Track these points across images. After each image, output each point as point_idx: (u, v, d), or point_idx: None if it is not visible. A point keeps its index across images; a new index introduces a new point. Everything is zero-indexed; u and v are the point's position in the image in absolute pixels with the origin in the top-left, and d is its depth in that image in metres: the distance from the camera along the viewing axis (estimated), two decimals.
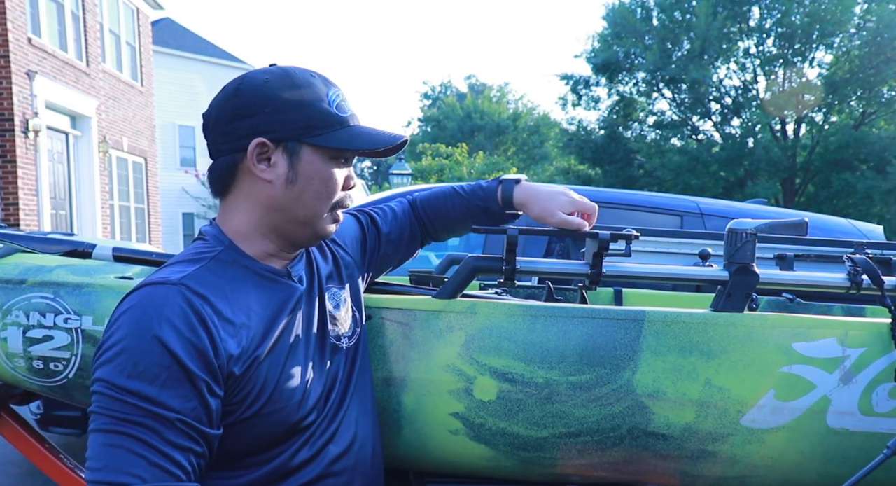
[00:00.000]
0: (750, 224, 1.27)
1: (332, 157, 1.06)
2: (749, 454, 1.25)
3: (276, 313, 1.05)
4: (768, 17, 19.46)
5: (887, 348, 1.24)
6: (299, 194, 1.05)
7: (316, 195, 1.06)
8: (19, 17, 9.30)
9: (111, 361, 0.91)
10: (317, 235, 1.10)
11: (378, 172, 45.01)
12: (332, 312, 1.16)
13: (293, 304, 1.08)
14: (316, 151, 1.04)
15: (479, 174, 22.44)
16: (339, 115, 1.05)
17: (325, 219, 1.09)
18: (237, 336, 0.98)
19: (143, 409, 0.89)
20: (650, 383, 1.24)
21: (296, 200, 1.05)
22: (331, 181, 1.06)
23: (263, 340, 1.01)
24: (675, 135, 22.03)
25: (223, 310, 0.98)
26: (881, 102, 18.98)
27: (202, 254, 1.04)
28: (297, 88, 1.03)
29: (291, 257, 1.13)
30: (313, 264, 1.19)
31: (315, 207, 1.07)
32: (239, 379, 0.98)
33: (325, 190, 1.06)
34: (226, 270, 1.03)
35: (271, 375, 1.02)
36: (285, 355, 1.04)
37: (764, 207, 3.79)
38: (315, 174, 1.05)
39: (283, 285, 1.08)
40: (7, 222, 8.92)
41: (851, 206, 18.26)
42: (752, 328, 1.25)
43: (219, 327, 0.96)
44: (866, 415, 1.24)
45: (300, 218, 1.07)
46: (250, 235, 1.07)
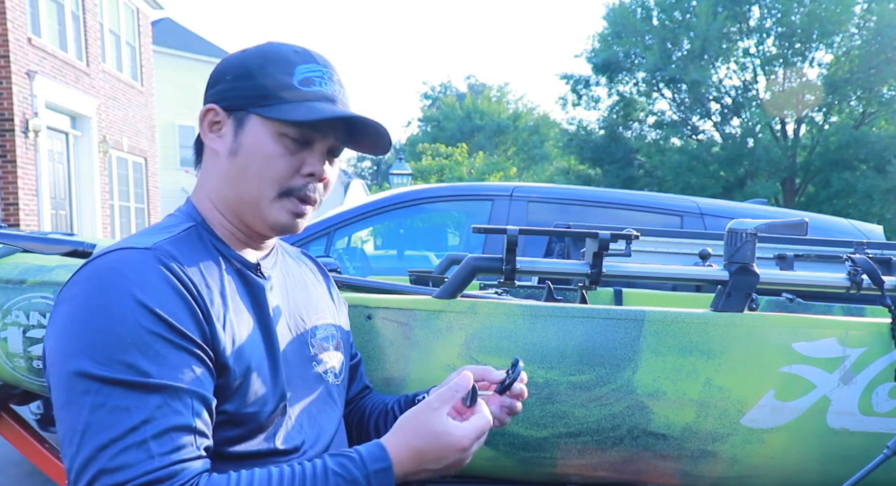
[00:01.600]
0: (750, 224, 1.27)
1: (281, 132, 0.93)
2: (749, 454, 1.25)
3: (244, 305, 0.96)
4: (768, 16, 19.45)
5: (887, 348, 1.24)
6: (242, 169, 0.95)
7: (258, 173, 0.94)
8: (19, 17, 9.30)
9: (81, 339, 0.81)
10: (267, 223, 0.97)
11: (378, 172, 45.02)
12: (321, 341, 1.08)
13: (261, 300, 0.99)
14: (264, 124, 0.94)
15: (479, 174, 22.45)
16: (298, 88, 0.94)
17: (272, 205, 0.96)
18: (217, 313, 0.90)
19: (145, 385, 0.79)
20: (650, 383, 1.24)
21: (238, 176, 0.96)
22: (275, 160, 0.94)
23: (235, 328, 0.92)
24: (675, 135, 22.03)
25: (201, 282, 0.90)
26: (881, 101, 18.97)
27: (172, 226, 0.97)
28: (265, 58, 0.96)
29: (260, 247, 1.04)
30: (295, 275, 1.11)
31: (258, 187, 0.95)
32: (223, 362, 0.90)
33: (267, 169, 0.94)
34: (197, 247, 0.95)
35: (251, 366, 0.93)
36: (248, 352, 0.93)
37: (764, 207, 3.79)
38: (258, 149, 0.94)
39: (248, 277, 0.99)
40: (7, 222, 8.92)
41: (851, 206, 18.26)
42: (752, 328, 1.25)
43: (203, 295, 0.88)
44: (866, 415, 1.24)
45: (245, 198, 0.96)
46: (212, 212, 1.00)
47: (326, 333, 1.10)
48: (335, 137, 0.98)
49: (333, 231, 3.47)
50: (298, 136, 0.94)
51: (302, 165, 0.96)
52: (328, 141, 0.97)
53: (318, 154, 0.97)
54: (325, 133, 0.96)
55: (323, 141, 0.97)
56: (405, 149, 26.83)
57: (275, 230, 0.99)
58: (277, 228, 0.98)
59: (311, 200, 0.98)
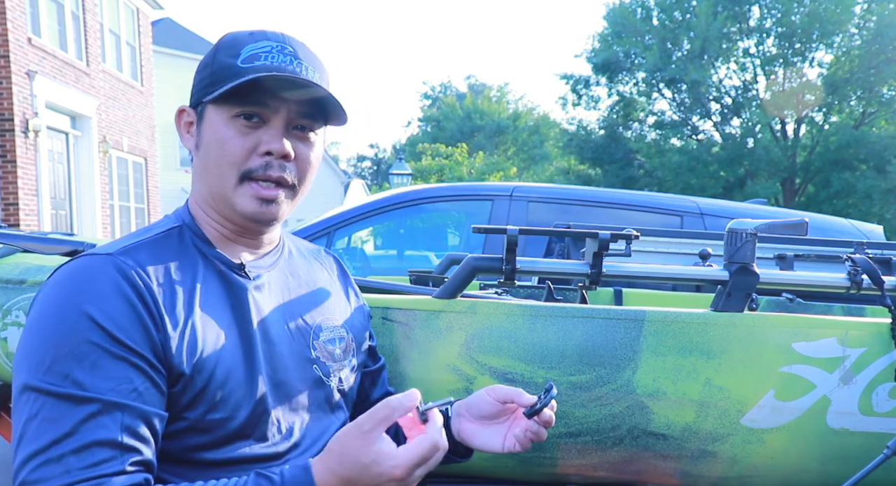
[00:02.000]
0: (750, 224, 1.27)
1: (232, 115, 0.92)
2: (749, 454, 1.25)
3: (220, 308, 0.93)
4: (768, 16, 19.45)
5: (887, 348, 1.24)
6: (205, 161, 0.95)
7: (216, 161, 0.93)
8: (19, 17, 9.30)
9: (33, 349, 0.82)
10: (237, 212, 0.95)
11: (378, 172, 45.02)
12: (325, 344, 1.04)
13: (243, 301, 0.95)
14: (216, 111, 0.93)
15: (479, 174, 22.45)
16: (240, 66, 0.91)
17: (236, 193, 0.94)
18: (176, 319, 0.87)
19: (75, 397, 0.79)
20: (650, 383, 1.24)
21: (205, 169, 0.95)
22: (228, 142, 0.92)
23: (200, 334, 0.89)
24: (675, 135, 22.03)
25: (164, 287, 0.88)
26: (881, 101, 18.98)
27: (153, 229, 0.97)
28: (217, 47, 0.95)
29: (256, 245, 1.02)
30: (302, 274, 1.08)
31: (219, 175, 0.94)
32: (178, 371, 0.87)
33: (223, 153, 0.92)
34: (177, 248, 0.94)
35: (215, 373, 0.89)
36: (216, 358, 0.90)
37: (764, 207, 3.80)
38: (213, 136, 0.93)
39: (229, 278, 0.96)
40: (7, 222, 8.92)
41: (851, 206, 18.26)
42: (752, 328, 1.25)
43: (159, 302, 0.86)
44: (866, 415, 1.24)
45: (214, 190, 0.95)
46: (199, 212, 0.99)
47: (333, 334, 1.06)
48: (291, 111, 0.94)
49: (333, 231, 3.47)
50: (245, 113, 0.92)
51: (258, 144, 0.93)
52: (282, 115, 0.93)
53: (274, 131, 0.93)
54: (275, 108, 0.93)
55: (277, 116, 0.93)
56: (405, 149, 26.84)
57: (247, 219, 0.95)
58: (248, 215, 0.95)
59: (276, 181, 0.94)
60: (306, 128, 0.97)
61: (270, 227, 1.00)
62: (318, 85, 0.92)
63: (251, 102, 0.92)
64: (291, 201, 0.98)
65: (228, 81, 0.90)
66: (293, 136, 0.95)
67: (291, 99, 0.93)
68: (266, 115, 0.93)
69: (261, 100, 0.92)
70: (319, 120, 0.98)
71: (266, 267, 1.02)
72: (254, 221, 0.96)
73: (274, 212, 0.96)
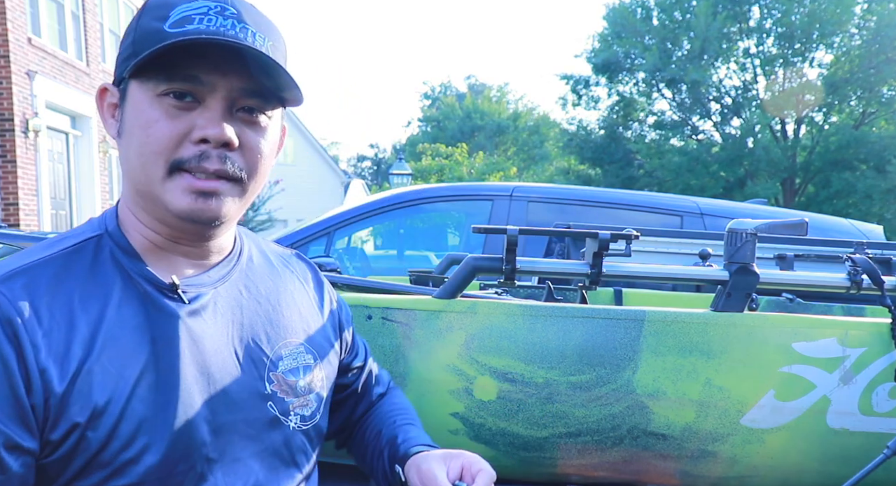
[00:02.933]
0: (750, 224, 1.28)
1: (159, 92, 0.74)
2: (749, 454, 1.25)
3: (137, 339, 0.75)
4: (768, 17, 19.46)
5: (887, 348, 1.24)
6: (128, 150, 0.77)
7: (139, 149, 0.75)
8: (19, 17, 9.30)
9: None
10: (170, 211, 0.76)
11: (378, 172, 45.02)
12: (285, 375, 0.86)
13: (168, 331, 0.76)
14: (140, 87, 0.75)
15: (479, 174, 22.45)
16: (166, 30, 0.72)
17: (165, 187, 0.75)
18: (66, 368, 0.70)
19: None
20: (650, 383, 1.24)
21: (128, 161, 0.77)
22: (153, 126, 0.73)
23: (97, 375, 0.72)
24: (674, 135, 22.03)
25: (53, 325, 0.71)
26: (881, 101, 18.97)
27: (66, 239, 0.79)
28: (143, 9, 0.77)
29: (200, 255, 0.83)
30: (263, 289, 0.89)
31: (143, 166, 0.75)
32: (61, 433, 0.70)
33: (146, 140, 0.74)
34: (88, 267, 0.77)
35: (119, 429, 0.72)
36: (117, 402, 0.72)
37: (764, 207, 3.79)
38: (135, 118, 0.75)
39: (156, 302, 0.77)
40: (7, 222, 8.92)
41: (851, 206, 18.26)
42: (752, 328, 1.25)
43: (39, 348, 0.69)
44: (866, 415, 1.24)
45: (139, 186, 0.77)
46: (127, 216, 0.81)
47: (296, 363, 0.87)
48: (233, 88, 0.75)
49: (333, 231, 3.47)
50: (174, 90, 0.73)
51: (191, 129, 0.74)
52: (222, 94, 0.75)
53: (211, 113, 0.74)
54: (212, 84, 0.74)
55: (215, 94, 0.74)
56: (405, 149, 26.85)
57: (183, 218, 0.77)
58: (182, 213, 0.76)
59: (214, 173, 0.75)
60: (255, 110, 0.77)
61: (214, 229, 0.80)
62: (265, 54, 0.73)
63: (181, 76, 0.73)
64: (239, 199, 0.79)
65: (154, 46, 0.71)
66: (238, 119, 0.77)
67: (232, 73, 0.74)
68: (201, 93, 0.74)
69: (193, 74, 0.73)
70: (273, 99, 0.78)
71: (211, 283, 0.83)
72: (191, 221, 0.77)
73: (215, 209, 0.76)
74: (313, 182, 23.24)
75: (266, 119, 0.79)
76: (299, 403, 0.86)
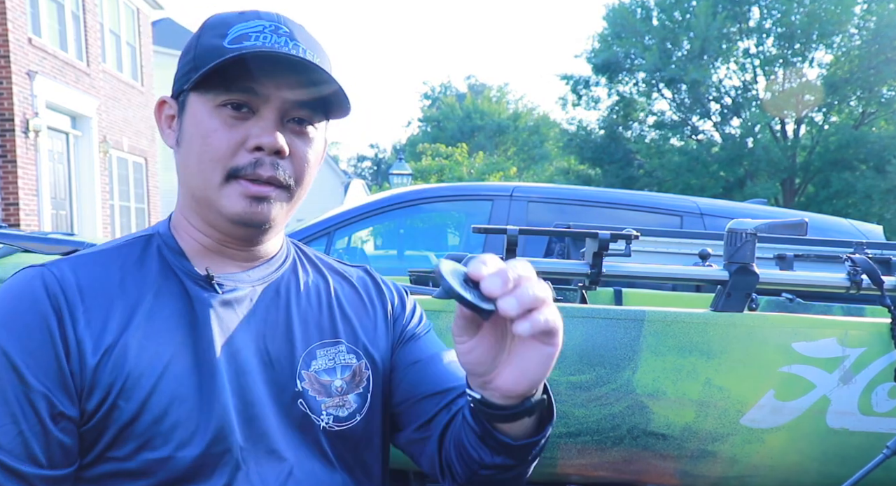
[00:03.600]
0: (749, 224, 1.28)
1: (218, 104, 0.79)
2: (749, 454, 1.25)
3: (174, 326, 0.79)
4: (768, 17, 19.47)
5: (887, 348, 1.24)
6: (186, 158, 0.82)
7: (198, 158, 0.80)
8: (20, 18, 9.30)
9: None
10: (224, 216, 0.81)
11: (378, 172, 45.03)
12: (318, 374, 0.85)
13: (201, 316, 0.80)
14: (199, 99, 0.80)
15: (479, 174, 22.46)
16: (226, 47, 0.77)
17: (221, 193, 0.80)
18: (102, 340, 0.76)
19: None
20: (650, 383, 1.24)
21: (185, 168, 0.82)
22: (212, 135, 0.79)
23: (135, 357, 0.76)
24: (674, 135, 22.05)
25: (94, 303, 0.77)
26: (881, 101, 18.99)
27: (121, 239, 0.87)
28: (203, 28, 0.83)
29: (244, 258, 0.87)
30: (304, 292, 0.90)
31: (201, 173, 0.80)
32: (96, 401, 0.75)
33: (206, 150, 0.79)
34: (136, 259, 0.83)
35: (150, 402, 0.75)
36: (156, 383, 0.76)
37: (763, 207, 3.79)
38: (195, 129, 0.80)
39: (190, 291, 0.82)
40: (7, 222, 8.92)
41: (851, 206, 18.27)
42: (751, 328, 1.25)
43: (79, 321, 0.75)
44: (866, 415, 1.24)
45: (196, 192, 0.82)
46: (180, 221, 0.87)
47: (333, 362, 0.87)
48: (285, 100, 0.80)
49: (333, 231, 3.47)
50: (232, 101, 0.78)
51: (246, 138, 0.79)
52: (275, 105, 0.79)
53: (266, 122, 0.79)
54: (266, 95, 0.79)
55: (269, 105, 0.79)
56: (405, 149, 26.85)
57: (235, 222, 0.81)
58: (236, 217, 0.80)
59: (267, 180, 0.80)
60: (304, 121, 0.82)
61: (263, 232, 0.84)
62: (318, 67, 0.78)
63: (239, 88, 0.78)
64: (287, 204, 0.83)
65: (213, 62, 0.76)
66: (288, 129, 0.81)
67: (286, 85, 0.79)
68: (256, 104, 0.79)
69: (250, 86, 0.78)
70: (319, 112, 0.83)
71: (250, 281, 0.86)
72: (243, 224, 0.81)
73: (265, 212, 0.81)
74: (313, 182, 23.21)
75: (314, 130, 0.84)
76: (333, 403, 0.86)
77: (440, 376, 0.91)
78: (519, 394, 0.69)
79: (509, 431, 0.74)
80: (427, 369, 0.92)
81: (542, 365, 0.66)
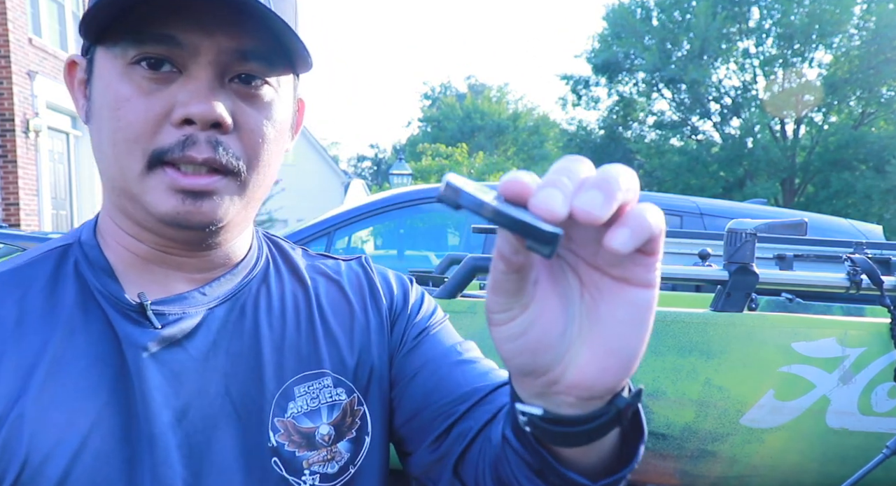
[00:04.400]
0: (749, 224, 1.28)
1: (131, 59, 0.56)
2: (749, 454, 1.26)
3: (92, 378, 0.57)
4: (768, 17, 19.48)
5: (886, 348, 1.24)
6: (99, 139, 0.59)
7: (111, 137, 0.57)
8: (20, 18, 9.30)
9: None
10: (153, 215, 0.58)
11: (378, 172, 45.04)
12: (296, 421, 0.63)
13: (131, 362, 0.58)
14: (106, 55, 0.58)
15: (479, 174, 22.48)
16: None
17: (144, 185, 0.57)
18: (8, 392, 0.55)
19: None
20: (650, 383, 1.24)
21: (100, 151, 0.60)
22: (123, 106, 0.56)
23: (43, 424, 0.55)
24: (674, 135, 22.07)
25: None
26: (880, 102, 19.00)
27: (32, 252, 0.64)
28: None
29: (201, 267, 0.64)
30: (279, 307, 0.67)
31: (117, 159, 0.57)
32: None
33: (117, 124, 0.56)
34: (44, 283, 0.61)
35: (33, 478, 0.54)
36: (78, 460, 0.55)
37: (763, 207, 3.80)
38: (104, 96, 0.58)
39: (116, 327, 0.59)
40: (8, 223, 8.93)
41: (851, 206, 18.28)
42: (751, 328, 1.25)
43: None
44: (865, 415, 1.24)
45: (116, 184, 0.60)
46: (106, 223, 0.64)
47: (316, 402, 0.64)
48: (222, 51, 0.56)
49: (333, 231, 3.47)
50: (147, 55, 0.56)
51: (171, 107, 0.56)
52: (209, 56, 0.56)
53: (196, 84, 0.56)
54: (195, 46, 0.56)
55: (197, 59, 0.56)
56: (405, 149, 26.86)
57: (167, 224, 0.59)
58: (167, 219, 0.58)
59: (202, 164, 0.57)
60: (254, 78, 0.59)
61: (211, 235, 0.62)
62: (264, 5, 0.54)
63: (153, 37, 0.55)
64: (239, 197, 0.60)
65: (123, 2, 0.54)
66: (233, 91, 0.58)
67: (221, 31, 0.56)
68: (181, 59, 0.56)
69: (168, 33, 0.55)
70: (279, 63, 0.59)
71: (205, 301, 0.63)
72: (179, 227, 0.59)
73: (207, 212, 0.58)
74: (313, 182, 23.23)
75: (270, 91, 0.60)
76: (319, 457, 0.63)
77: (456, 376, 0.68)
78: (606, 387, 0.41)
79: (581, 459, 0.47)
80: (438, 371, 0.68)
81: (640, 326, 0.41)
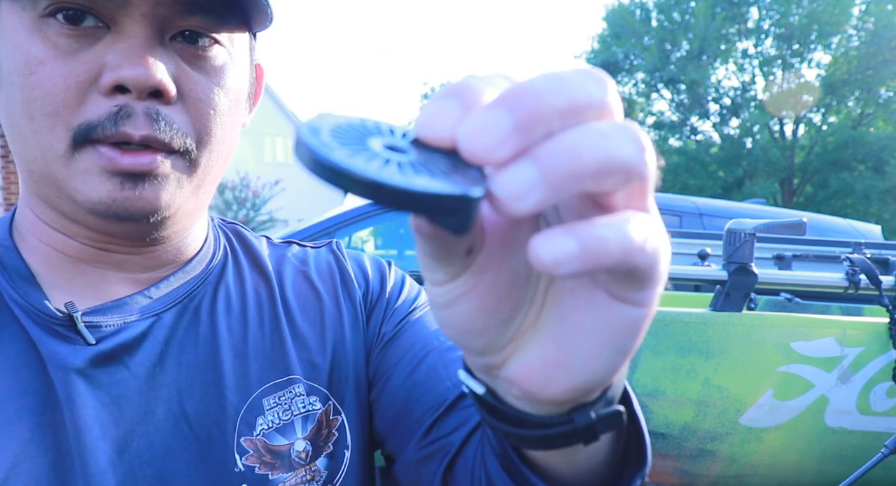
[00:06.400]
0: (748, 224, 1.28)
1: (41, 12, 0.45)
2: (748, 453, 1.26)
3: (16, 409, 0.47)
4: (767, 17, 19.52)
5: (885, 348, 1.24)
6: (9, 109, 0.48)
7: (25, 110, 0.46)
8: None
9: None
10: (80, 204, 0.47)
11: None
12: (267, 438, 0.53)
13: (58, 392, 0.47)
14: (11, 8, 0.46)
15: None
16: None
17: (70, 167, 0.46)
18: None
19: None
20: (649, 383, 1.25)
21: (11, 125, 0.48)
22: (37, 70, 0.45)
23: None
24: (673, 135, 22.10)
25: None
26: (879, 102, 19.03)
27: None
28: None
29: (148, 265, 0.54)
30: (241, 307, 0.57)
31: (35, 136, 0.46)
32: None
33: (31, 94, 0.45)
34: None
35: None
36: None
37: (762, 207, 3.80)
38: (11, 57, 0.46)
39: (38, 346, 0.48)
40: None
41: (849, 206, 18.31)
42: (750, 328, 1.26)
43: None
44: (864, 414, 1.24)
45: (34, 168, 0.48)
46: (24, 214, 0.53)
47: (288, 415, 0.55)
48: (159, 1, 0.46)
49: (333, 231, 3.47)
50: (64, 6, 0.45)
51: (99, 71, 0.45)
52: (142, 9, 0.46)
53: (129, 41, 0.46)
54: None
55: (129, 11, 0.45)
56: None
57: (100, 215, 0.48)
58: (100, 209, 0.47)
59: (140, 141, 0.46)
60: (202, 35, 0.49)
61: (156, 227, 0.51)
62: None
63: None
64: (188, 179, 0.50)
65: None
66: (174, 52, 0.48)
67: None
68: (108, 10, 0.45)
69: None
70: (229, 17, 0.49)
71: (151, 308, 0.53)
72: (115, 218, 0.48)
73: (150, 198, 0.47)
74: (313, 182, 23.21)
75: (222, 53, 0.50)
76: (297, 479, 0.54)
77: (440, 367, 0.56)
78: (553, 399, 0.29)
79: (555, 466, 0.37)
80: (421, 363, 0.57)
81: (613, 348, 0.28)
